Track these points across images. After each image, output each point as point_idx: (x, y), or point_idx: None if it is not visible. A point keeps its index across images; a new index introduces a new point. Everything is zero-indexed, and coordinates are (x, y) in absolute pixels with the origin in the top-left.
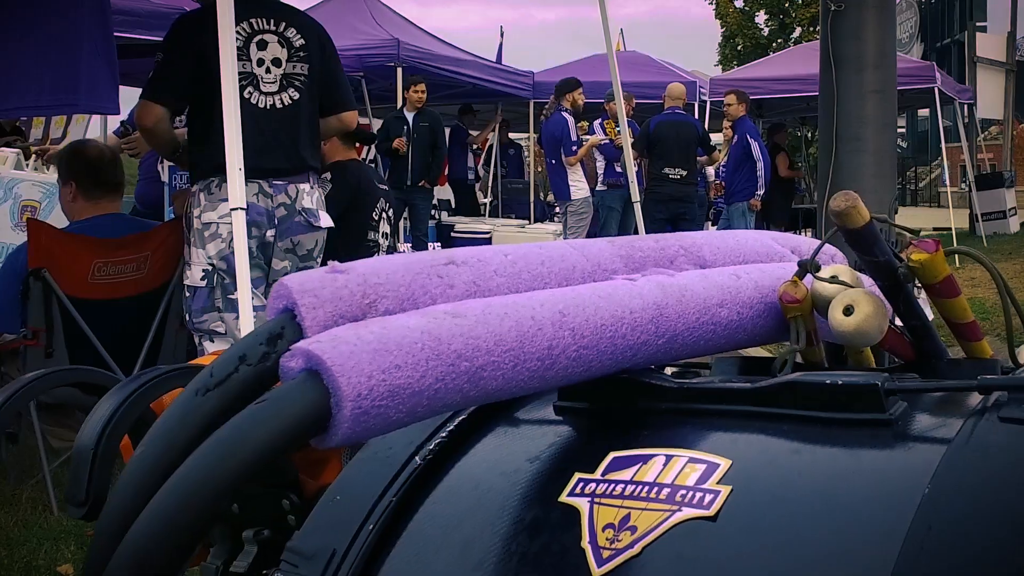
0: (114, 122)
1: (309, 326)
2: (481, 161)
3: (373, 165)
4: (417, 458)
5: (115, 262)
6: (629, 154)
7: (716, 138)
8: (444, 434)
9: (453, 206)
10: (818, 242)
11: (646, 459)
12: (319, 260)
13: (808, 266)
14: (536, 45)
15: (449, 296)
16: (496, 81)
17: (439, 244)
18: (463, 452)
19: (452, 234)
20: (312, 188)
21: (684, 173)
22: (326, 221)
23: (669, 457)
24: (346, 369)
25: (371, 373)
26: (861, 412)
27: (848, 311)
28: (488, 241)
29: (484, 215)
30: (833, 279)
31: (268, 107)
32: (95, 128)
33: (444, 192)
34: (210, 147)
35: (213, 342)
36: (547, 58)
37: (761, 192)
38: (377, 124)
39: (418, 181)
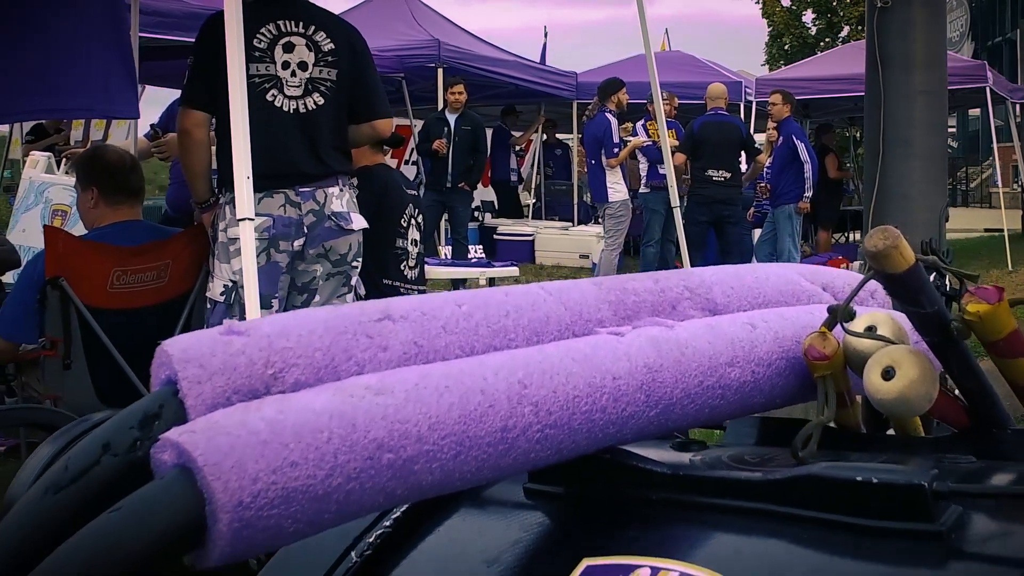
0: (144, 125)
1: (192, 405)
2: (525, 162)
3: (415, 166)
4: (353, 554)
5: (134, 270)
6: (669, 156)
7: (760, 138)
8: (388, 523)
9: (496, 207)
10: (856, 275)
11: (627, 572)
12: (355, 265)
13: (839, 314)
14: (580, 45)
15: (380, 362)
16: (539, 82)
17: (480, 247)
18: (407, 548)
19: (495, 236)
20: (342, 191)
21: (727, 175)
22: (359, 223)
23: (655, 571)
24: (223, 469)
25: (257, 474)
26: (903, 520)
27: (888, 374)
28: (531, 244)
29: (527, 217)
30: (870, 331)
31: (291, 111)
32: (128, 130)
33: (488, 193)
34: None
35: None
36: (591, 58)
37: (809, 194)
38: (418, 125)
39: (458, 183)
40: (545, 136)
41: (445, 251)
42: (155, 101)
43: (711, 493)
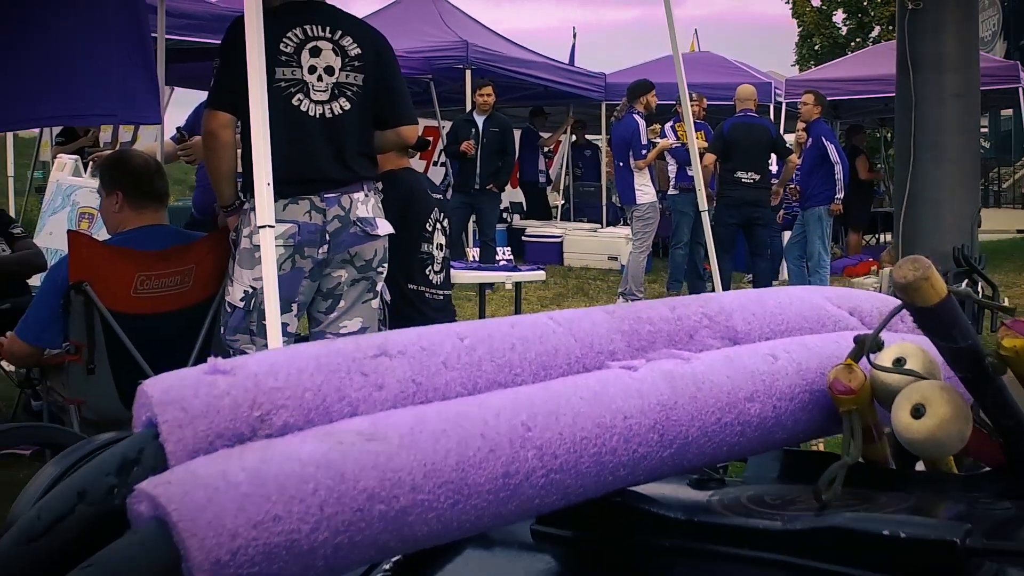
0: (171, 128)
1: (173, 451)
2: (553, 164)
3: (443, 168)
4: None
5: (158, 275)
6: (696, 159)
7: (790, 139)
8: (387, 565)
9: (525, 209)
10: (885, 299)
11: None
12: (380, 271)
13: (866, 346)
14: (609, 45)
15: (375, 402)
16: (567, 83)
17: (508, 249)
18: None
19: (523, 238)
20: (367, 196)
21: (757, 177)
22: (385, 228)
23: None
24: (199, 525)
25: (236, 529)
26: None
27: (918, 411)
28: (559, 245)
29: (556, 218)
30: (899, 363)
31: (318, 115)
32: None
33: (516, 195)
34: None
35: None
36: (621, 58)
37: (840, 196)
38: (446, 126)
39: (486, 185)
40: (574, 137)
41: (473, 253)
42: (182, 103)
43: (727, 541)
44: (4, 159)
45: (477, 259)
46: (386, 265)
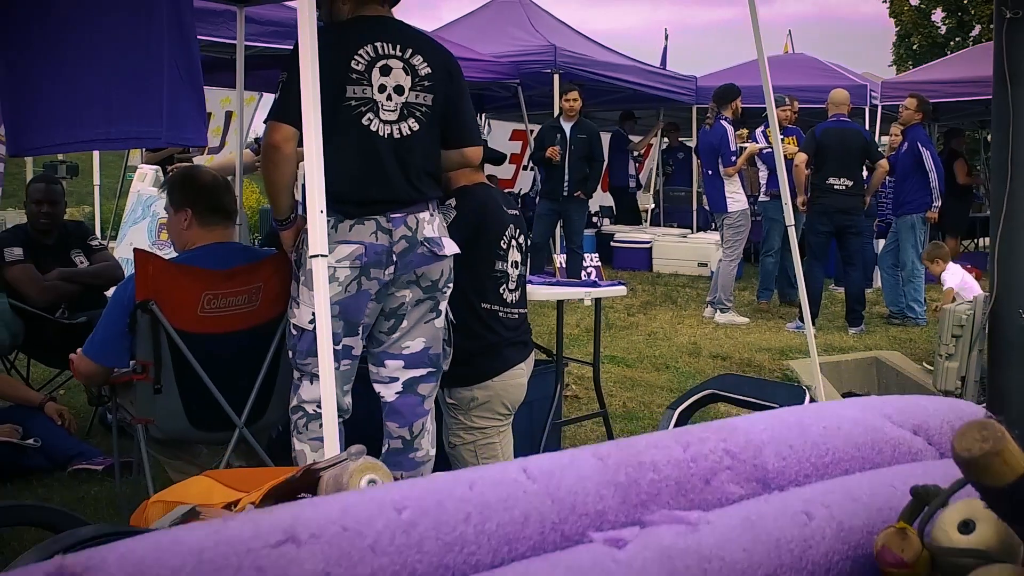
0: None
1: None
2: (644, 168)
3: (532, 172)
4: None
5: (225, 294)
6: (783, 171)
7: (883, 141)
8: None
9: (614, 212)
10: (958, 405)
11: None
12: (445, 291)
13: (925, 516)
14: (701, 45)
15: None
16: (658, 86)
17: (596, 255)
18: None
19: (612, 243)
20: (432, 216)
21: (850, 183)
22: (451, 248)
23: None
24: None
25: None
26: None
27: None
28: (648, 251)
29: (645, 223)
30: (966, 529)
31: (386, 135)
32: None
33: (606, 198)
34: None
35: (313, 384)
36: (714, 58)
37: (937, 204)
38: (535, 130)
39: (574, 192)
40: (667, 141)
41: (560, 259)
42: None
43: None
44: (91, 166)
45: (563, 265)
46: (451, 285)
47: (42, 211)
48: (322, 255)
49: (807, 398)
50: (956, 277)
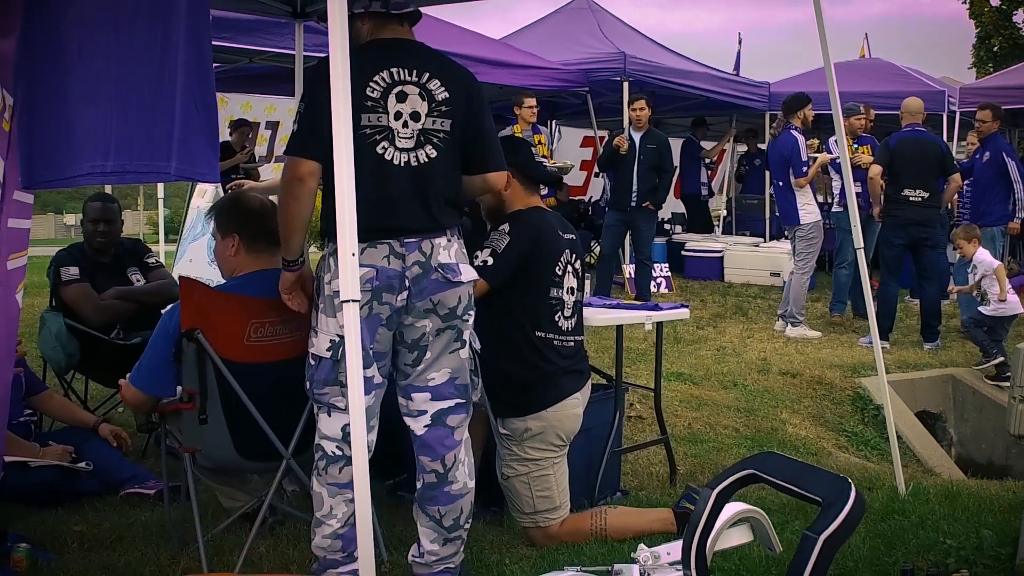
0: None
1: None
2: (716, 175)
3: (602, 179)
4: None
5: (271, 322)
6: (850, 184)
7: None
8: None
9: (686, 220)
10: None
11: None
12: (466, 319)
13: None
14: (778, 46)
15: None
16: (730, 93)
17: (666, 265)
18: None
19: (682, 252)
20: (450, 241)
21: (925, 195)
22: (468, 275)
23: None
24: None
25: None
26: None
27: None
28: (720, 260)
29: (717, 232)
30: None
31: (402, 164)
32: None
33: (678, 205)
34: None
35: (331, 416)
36: (791, 58)
37: (1021, 215)
38: (603, 136)
39: (643, 203)
40: (746, 147)
41: (629, 270)
42: None
43: None
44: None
45: (632, 276)
46: (472, 312)
47: (99, 230)
48: (354, 300)
49: (852, 492)
50: (989, 263)
